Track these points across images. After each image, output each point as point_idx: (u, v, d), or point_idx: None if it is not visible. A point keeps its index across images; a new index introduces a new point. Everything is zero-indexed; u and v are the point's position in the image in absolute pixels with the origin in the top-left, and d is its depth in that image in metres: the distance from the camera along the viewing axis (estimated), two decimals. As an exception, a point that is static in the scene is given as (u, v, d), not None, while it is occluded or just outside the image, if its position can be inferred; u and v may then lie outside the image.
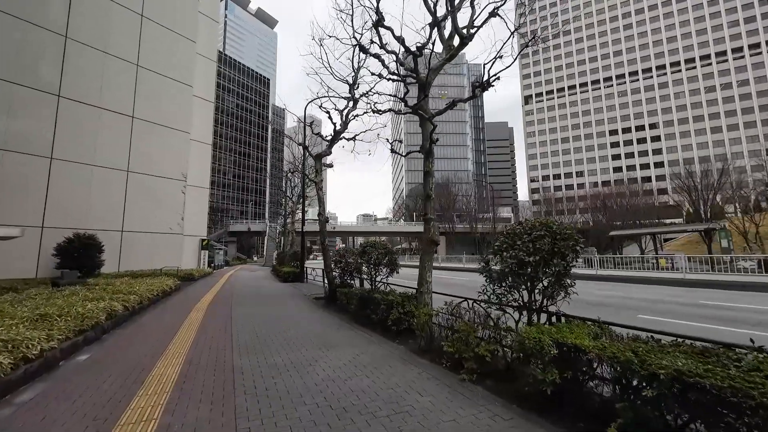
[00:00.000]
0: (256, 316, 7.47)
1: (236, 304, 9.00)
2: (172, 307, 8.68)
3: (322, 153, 10.36)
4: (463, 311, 4.55)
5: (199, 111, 24.62)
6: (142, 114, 20.49)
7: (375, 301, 6.25)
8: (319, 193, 10.15)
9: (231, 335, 5.59)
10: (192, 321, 6.66)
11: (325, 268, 10.07)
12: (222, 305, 8.83)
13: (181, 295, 11.07)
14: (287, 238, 22.76)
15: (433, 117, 5.65)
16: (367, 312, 6.56)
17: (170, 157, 21.65)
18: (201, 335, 5.61)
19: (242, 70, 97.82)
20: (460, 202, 70.42)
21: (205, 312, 7.74)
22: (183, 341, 5.19)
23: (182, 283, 16.30)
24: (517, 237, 3.65)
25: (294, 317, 7.48)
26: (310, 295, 11.16)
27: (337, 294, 8.95)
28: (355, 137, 10.85)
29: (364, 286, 8.64)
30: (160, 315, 7.44)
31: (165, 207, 21.16)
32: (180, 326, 6.22)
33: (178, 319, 6.91)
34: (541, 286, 3.54)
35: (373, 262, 7.19)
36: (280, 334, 5.72)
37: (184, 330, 5.89)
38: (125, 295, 7.42)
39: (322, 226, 10.03)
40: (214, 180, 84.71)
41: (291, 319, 7.14)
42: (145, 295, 8.31)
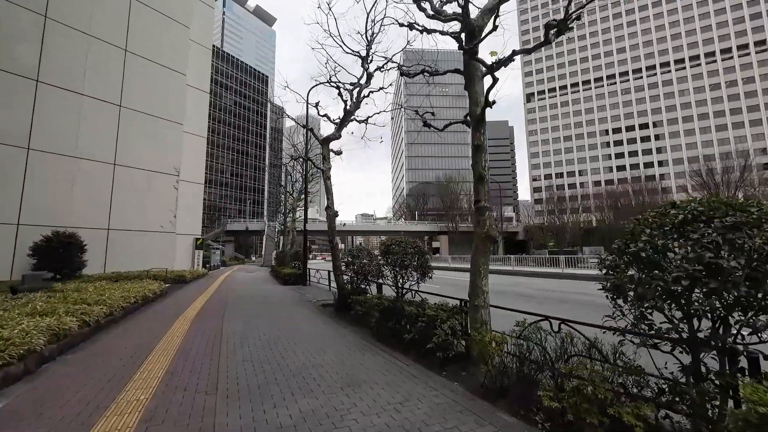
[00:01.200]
0: (253, 332, 6.01)
1: (230, 316, 7.51)
2: (151, 318, 7.19)
3: (330, 136, 8.89)
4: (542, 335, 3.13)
5: (193, 101, 23.12)
6: (130, 103, 18.98)
7: (407, 316, 4.80)
8: (327, 183, 8.68)
9: (218, 366, 4.12)
10: (170, 342, 5.19)
11: (334, 271, 8.62)
12: (212, 317, 7.34)
13: (166, 302, 9.57)
14: (287, 237, 21.30)
15: (494, 69, 4.19)
16: (393, 327, 5.12)
17: (161, 149, 20.14)
18: (177, 365, 4.14)
19: (240, 67, 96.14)
20: (463, 201, 69.02)
21: (189, 327, 6.26)
22: (149, 377, 3.72)
23: (172, 286, 14.81)
24: (688, 224, 2.19)
25: (301, 333, 6.01)
26: (316, 301, 9.69)
27: (349, 301, 7.51)
28: (368, 119, 9.40)
29: (382, 293, 7.20)
30: (131, 331, 5.95)
31: (156, 203, 19.66)
32: (152, 350, 4.75)
33: (152, 337, 5.43)
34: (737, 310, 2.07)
35: (399, 264, 5.73)
36: (285, 363, 4.25)
37: (155, 357, 4.41)
38: (90, 305, 5.95)
39: (331, 220, 8.56)
40: (211, 178, 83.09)
41: (298, 337, 5.67)
42: (118, 305, 6.84)
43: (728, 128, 77.43)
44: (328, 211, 8.59)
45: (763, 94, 73.97)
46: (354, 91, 8.69)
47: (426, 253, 5.70)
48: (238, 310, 8.30)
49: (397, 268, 5.75)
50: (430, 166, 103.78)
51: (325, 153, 8.84)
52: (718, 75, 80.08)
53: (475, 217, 4.42)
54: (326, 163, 8.79)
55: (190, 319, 6.96)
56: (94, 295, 6.63)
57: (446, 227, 58.95)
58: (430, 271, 5.66)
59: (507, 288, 12.87)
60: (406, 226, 62.46)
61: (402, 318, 4.94)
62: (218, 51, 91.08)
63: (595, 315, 2.85)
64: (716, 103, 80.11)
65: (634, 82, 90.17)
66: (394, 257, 5.70)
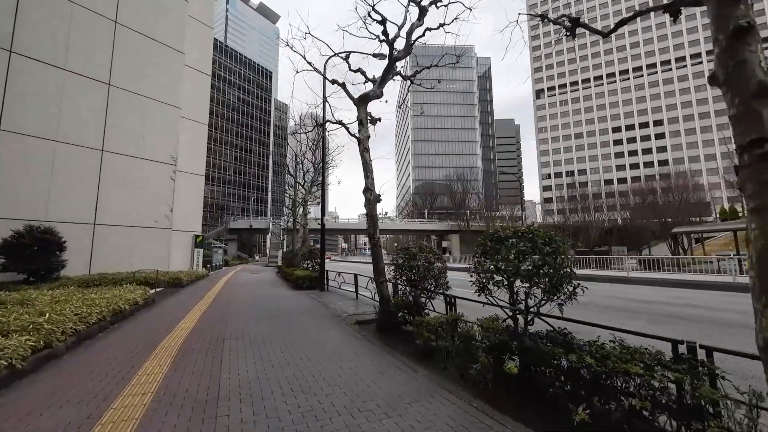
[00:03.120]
0: (271, 381, 3.69)
1: (233, 344, 5.17)
2: (115, 348, 4.86)
3: (369, 94, 6.58)
4: None
5: (192, 84, 20.89)
6: (121, 82, 16.76)
7: (573, 369, 2.49)
8: (364, 156, 6.38)
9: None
10: (121, 418, 2.88)
11: (375, 276, 6.30)
12: (207, 346, 5.01)
13: (148, 317, 7.27)
14: (297, 234, 19.00)
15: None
16: (527, 379, 2.81)
17: (156, 135, 17.91)
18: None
19: (243, 62, 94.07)
20: (473, 199, 66.54)
21: (166, 373, 3.94)
22: None
23: (164, 291, 12.55)
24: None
25: (350, 380, 3.70)
26: (345, 314, 7.38)
27: (399, 320, 5.24)
28: (417, 74, 7.08)
29: (453, 310, 4.90)
30: (68, 381, 3.65)
31: (149, 196, 17.43)
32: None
33: (95, 406, 3.11)
34: None
35: (520, 272, 3.39)
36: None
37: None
38: (7, 336, 3.67)
39: (372, 206, 6.25)
40: (214, 175, 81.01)
41: (348, 391, 3.36)
42: (68, 328, 4.56)
43: (749, 124, 74.35)
44: (368, 195, 6.27)
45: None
46: (402, 31, 6.37)
47: (567, 250, 3.35)
48: (244, 332, 5.98)
49: (519, 279, 3.39)
50: (437, 164, 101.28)
51: (361, 116, 6.52)
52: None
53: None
54: (363, 129, 6.47)
55: (173, 353, 4.65)
56: (28, 317, 4.34)
57: (457, 226, 56.48)
58: (573, 283, 3.29)
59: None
60: (416, 225, 60.07)
61: (553, 369, 2.61)
62: (221, 46, 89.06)
63: None
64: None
65: (649, 78, 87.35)
66: (510, 260, 3.35)
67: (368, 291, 9.00)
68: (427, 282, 5.26)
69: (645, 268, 20.84)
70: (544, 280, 3.19)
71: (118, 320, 6.48)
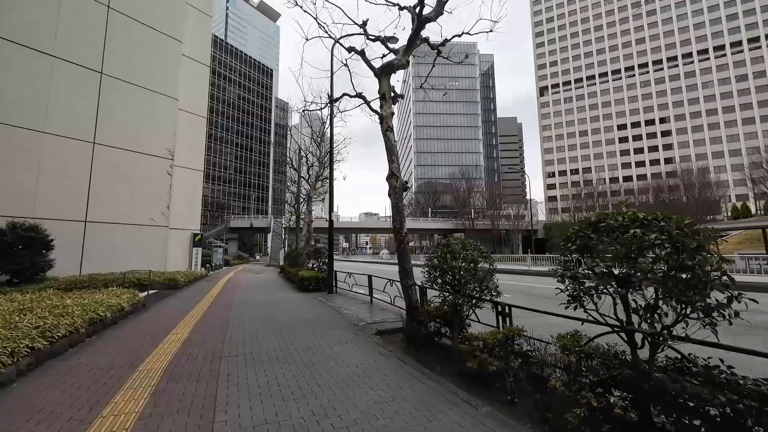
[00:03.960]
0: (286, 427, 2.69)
1: (231, 365, 4.15)
2: (81, 373, 3.79)
3: (393, 64, 5.57)
4: None
5: (190, 75, 19.89)
6: (114, 70, 15.78)
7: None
8: (387, 136, 5.37)
9: None
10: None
11: (401, 278, 5.30)
12: (200, 368, 3.99)
13: (135, 325, 6.29)
14: (300, 233, 17.96)
15: None
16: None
17: (152, 127, 16.93)
18: None
19: (244, 60, 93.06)
20: (477, 197, 65.47)
21: (141, 412, 2.92)
22: None
23: (158, 294, 11.56)
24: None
25: (395, 427, 2.70)
26: (362, 322, 6.37)
27: (432, 329, 4.26)
28: (447, 42, 6.08)
29: (509, 323, 3.91)
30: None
31: (145, 192, 16.46)
32: None
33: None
34: None
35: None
36: None
37: None
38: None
39: (398, 196, 5.25)
40: (214, 174, 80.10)
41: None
42: (20, 347, 3.56)
43: (756, 121, 73.24)
44: (393, 182, 5.26)
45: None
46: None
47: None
48: (246, 346, 4.97)
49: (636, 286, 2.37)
50: (440, 162, 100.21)
51: (384, 89, 5.51)
52: (745, 66, 75.78)
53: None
54: (386, 105, 5.46)
55: (155, 378, 3.64)
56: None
57: (462, 225, 55.47)
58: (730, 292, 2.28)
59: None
60: (420, 224, 59.03)
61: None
62: (221, 43, 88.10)
63: None
64: (742, 95, 75.96)
65: (654, 74, 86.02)
66: (632, 258, 2.33)
67: (384, 294, 8.01)
68: (471, 286, 4.24)
69: None
70: (681, 287, 2.17)
71: (98, 330, 5.48)
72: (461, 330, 4.36)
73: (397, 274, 5.53)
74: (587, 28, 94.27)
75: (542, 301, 8.56)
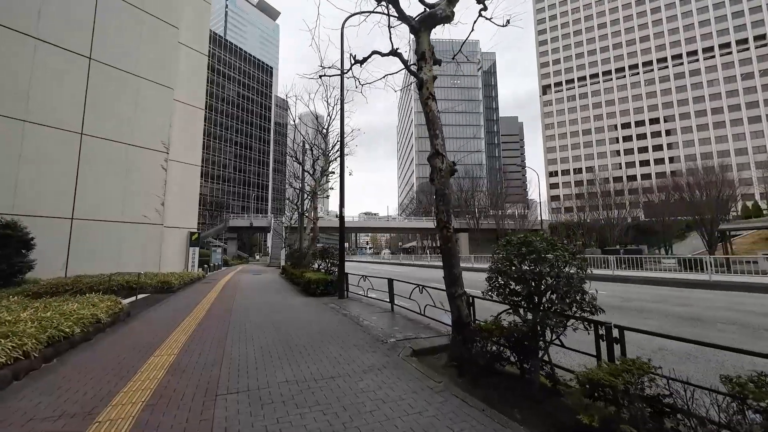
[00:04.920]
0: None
1: (230, 411, 3.01)
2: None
3: (437, 13, 4.44)
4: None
5: (187, 64, 18.73)
6: (103, 56, 14.61)
7: None
8: (428, 106, 4.26)
9: None
10: None
11: (448, 286, 4.17)
12: (187, 419, 2.84)
13: (111, 342, 5.13)
14: (305, 231, 16.78)
15: None
16: None
17: (146, 118, 15.77)
18: None
19: (243, 57, 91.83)
20: (480, 197, 64.27)
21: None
22: None
23: (149, 299, 10.40)
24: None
25: None
26: (391, 339, 5.22)
27: (492, 352, 3.15)
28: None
29: (621, 356, 2.77)
30: None
31: (138, 187, 15.31)
32: None
33: None
34: None
35: None
36: None
37: None
38: None
39: (443, 180, 4.10)
40: (213, 173, 78.90)
41: None
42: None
43: (762, 119, 72.26)
44: (437, 162, 4.13)
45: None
46: None
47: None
48: (250, 374, 3.83)
49: None
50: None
51: (423, 47, 4.37)
52: (751, 63, 74.68)
53: None
54: (426, 66, 4.34)
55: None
56: None
57: (466, 224, 54.31)
58: None
59: (666, 306, 8.47)
60: (423, 223, 57.86)
61: None
62: (220, 40, 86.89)
63: None
64: (748, 93, 74.95)
65: (659, 72, 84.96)
66: None
67: (405, 301, 6.87)
68: (556, 298, 3.11)
69: (684, 269, 18.77)
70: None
71: (63, 351, 4.33)
72: (543, 359, 3.22)
73: (418, 277, 4.36)
74: (590, 25, 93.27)
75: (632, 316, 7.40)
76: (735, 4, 77.36)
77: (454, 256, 4.11)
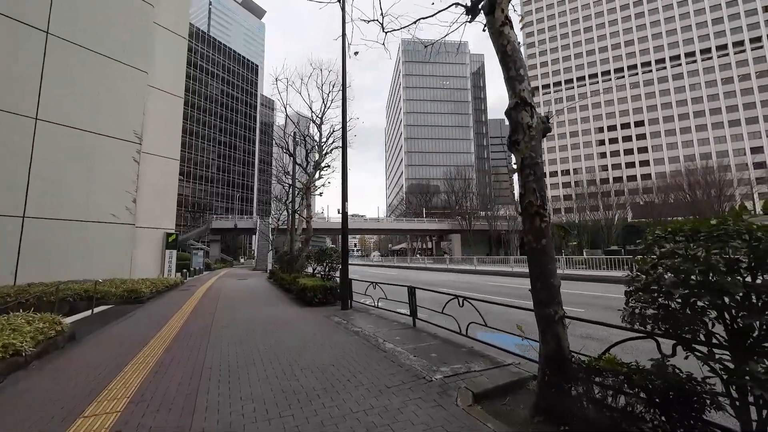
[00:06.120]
0: None
1: None
2: None
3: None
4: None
5: (165, 48, 16.91)
6: (65, 31, 12.74)
7: None
8: (507, 36, 2.84)
9: None
10: None
11: (541, 301, 2.72)
12: None
13: (21, 393, 3.51)
14: (296, 232, 15.17)
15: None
16: None
17: (114, 104, 13.93)
18: None
19: (228, 54, 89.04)
20: (472, 198, 63.54)
21: None
22: None
23: (109, 312, 8.62)
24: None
25: None
26: (435, 373, 3.78)
27: (612, 408, 1.72)
28: None
29: None
30: None
31: (105, 182, 13.44)
32: None
33: None
34: None
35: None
36: None
37: None
38: None
39: (532, 141, 2.69)
40: (196, 173, 75.77)
41: None
42: None
43: (741, 123, 74.18)
44: (523, 117, 2.73)
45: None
46: None
47: None
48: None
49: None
50: (431, 162, 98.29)
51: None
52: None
53: None
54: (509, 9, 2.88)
55: None
56: None
57: (459, 225, 53.34)
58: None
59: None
60: (415, 225, 56.62)
61: None
62: (204, 35, 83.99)
63: None
64: (728, 98, 76.91)
65: (643, 76, 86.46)
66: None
67: (423, 312, 5.45)
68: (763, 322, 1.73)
69: None
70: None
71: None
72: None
73: (423, 280, 2.94)
74: (577, 29, 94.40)
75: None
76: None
77: (551, 259, 2.71)
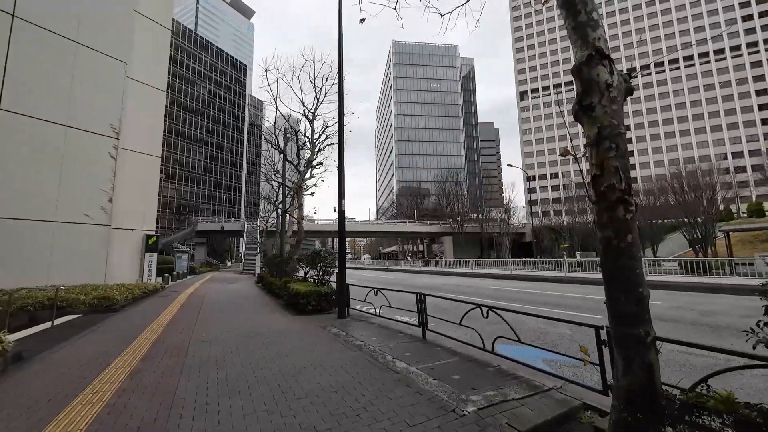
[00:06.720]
0: None
1: None
2: None
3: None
4: None
5: (146, 38, 15.91)
6: (34, 15, 11.69)
7: None
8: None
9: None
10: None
11: (620, 318, 2.01)
12: None
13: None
14: (286, 234, 14.27)
15: None
16: None
17: (89, 96, 12.89)
18: None
19: (216, 53, 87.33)
20: (463, 200, 63.36)
21: None
22: None
23: (74, 323, 7.64)
24: None
25: None
26: (467, 405, 3.08)
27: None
28: None
29: None
30: None
31: (78, 179, 12.38)
32: None
33: None
34: None
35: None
36: None
37: None
38: None
39: (612, 105, 2.05)
40: (181, 174, 73.72)
41: None
42: None
43: (723, 129, 76.18)
44: (599, 73, 2.09)
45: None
46: None
47: None
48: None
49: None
50: (421, 165, 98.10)
51: None
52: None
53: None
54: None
55: None
56: None
57: (450, 228, 52.97)
58: None
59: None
60: (407, 227, 55.99)
61: None
62: (191, 34, 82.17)
63: None
64: (710, 103, 78.93)
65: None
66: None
67: (432, 321, 4.75)
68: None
69: (687, 272, 17.76)
70: None
71: None
72: None
73: (419, 284, 2.39)
74: (566, 33, 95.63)
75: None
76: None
77: (638, 262, 2.03)
